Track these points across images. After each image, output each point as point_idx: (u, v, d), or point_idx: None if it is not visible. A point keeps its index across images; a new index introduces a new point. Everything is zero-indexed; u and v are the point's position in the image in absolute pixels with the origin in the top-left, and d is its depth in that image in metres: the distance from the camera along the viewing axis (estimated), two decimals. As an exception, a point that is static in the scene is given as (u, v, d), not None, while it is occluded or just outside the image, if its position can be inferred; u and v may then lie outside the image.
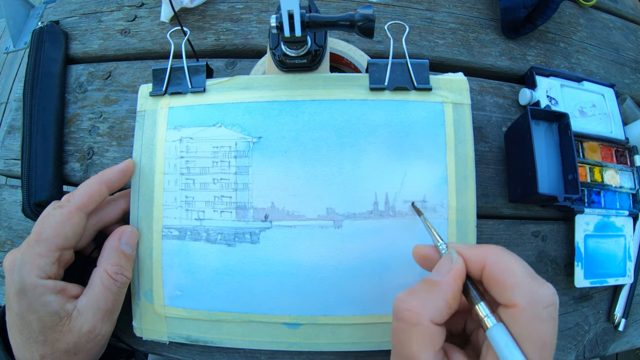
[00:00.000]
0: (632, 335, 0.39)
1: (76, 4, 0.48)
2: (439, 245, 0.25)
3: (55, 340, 0.27)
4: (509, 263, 0.21)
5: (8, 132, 0.44)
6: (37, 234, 0.27)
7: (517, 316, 0.20)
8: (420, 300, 0.22)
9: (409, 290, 0.23)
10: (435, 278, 0.23)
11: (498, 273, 0.21)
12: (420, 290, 0.23)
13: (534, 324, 0.20)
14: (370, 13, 0.26)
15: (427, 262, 0.26)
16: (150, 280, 0.32)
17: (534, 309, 0.20)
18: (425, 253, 0.26)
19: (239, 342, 0.32)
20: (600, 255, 0.38)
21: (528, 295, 0.20)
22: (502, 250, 0.22)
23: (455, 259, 0.23)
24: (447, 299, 0.22)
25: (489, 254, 0.22)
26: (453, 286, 0.22)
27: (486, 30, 0.47)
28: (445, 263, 0.23)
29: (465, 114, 0.32)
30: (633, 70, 0.49)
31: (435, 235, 0.26)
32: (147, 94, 0.34)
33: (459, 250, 0.23)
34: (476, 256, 0.23)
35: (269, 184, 0.32)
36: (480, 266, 0.22)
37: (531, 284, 0.20)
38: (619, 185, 0.40)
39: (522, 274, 0.21)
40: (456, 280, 0.22)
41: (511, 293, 0.20)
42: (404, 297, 0.23)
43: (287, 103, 0.33)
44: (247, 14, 0.45)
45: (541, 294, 0.20)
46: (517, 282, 0.21)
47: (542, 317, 0.20)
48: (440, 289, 0.22)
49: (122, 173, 0.32)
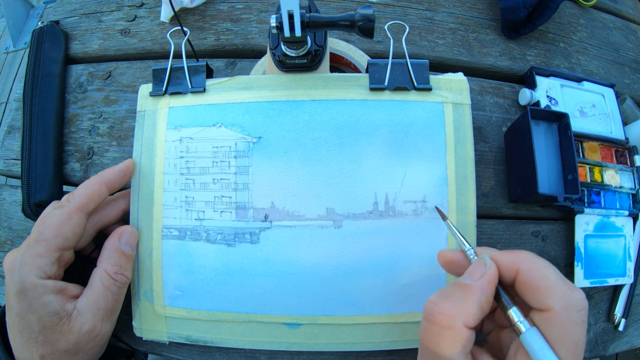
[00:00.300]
0: (632, 335, 0.39)
1: (76, 4, 0.48)
2: (467, 250, 0.25)
3: (55, 340, 0.27)
4: (543, 268, 0.22)
5: (8, 132, 0.44)
6: (37, 234, 0.27)
7: (552, 320, 0.21)
8: (453, 304, 0.22)
9: (442, 293, 0.23)
10: (469, 282, 0.23)
11: (533, 278, 0.22)
12: (454, 294, 0.23)
13: (568, 327, 0.20)
14: (370, 13, 0.26)
15: (454, 266, 0.26)
16: (150, 280, 0.32)
17: (568, 312, 0.21)
18: (452, 258, 0.26)
19: (239, 342, 0.32)
20: (600, 255, 0.38)
21: (563, 299, 0.21)
22: (534, 256, 0.23)
23: (489, 264, 0.23)
24: (481, 303, 0.22)
25: (522, 259, 0.23)
26: (487, 290, 0.22)
27: (486, 30, 0.47)
28: (478, 267, 0.23)
29: (465, 114, 0.32)
30: (633, 70, 0.49)
31: (462, 240, 0.26)
32: (147, 94, 0.34)
33: (492, 255, 0.24)
34: (509, 262, 0.23)
35: (269, 184, 0.32)
36: (513, 271, 0.23)
37: (564, 288, 0.21)
38: (618, 185, 0.40)
39: (556, 279, 0.21)
40: (490, 284, 0.22)
41: (546, 297, 0.21)
42: (437, 300, 0.23)
43: (287, 103, 0.33)
44: (247, 14, 0.45)
45: (574, 298, 0.21)
46: (551, 287, 0.21)
47: (575, 321, 0.20)
48: (474, 293, 0.22)
49: (122, 173, 0.32)
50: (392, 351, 0.34)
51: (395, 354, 0.34)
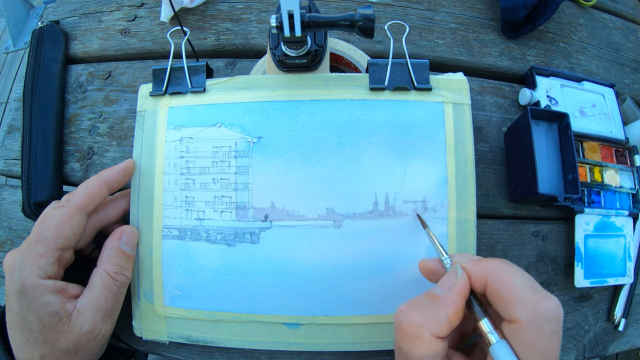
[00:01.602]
0: (632, 335, 0.39)
1: (76, 4, 0.48)
2: (443, 259, 0.25)
3: (55, 340, 0.27)
4: (510, 278, 0.21)
5: (8, 132, 0.44)
6: (37, 234, 0.27)
7: (519, 331, 0.20)
8: (421, 314, 0.22)
9: (411, 303, 0.23)
10: (438, 292, 0.23)
11: (500, 288, 0.21)
12: (423, 304, 0.23)
13: (536, 338, 0.20)
14: (370, 13, 0.26)
15: (433, 275, 0.26)
16: (150, 280, 0.32)
17: (535, 323, 0.20)
18: (431, 267, 0.26)
19: (239, 342, 0.32)
20: (600, 255, 0.38)
21: (529, 310, 0.20)
22: (504, 265, 0.22)
23: (460, 274, 0.23)
24: (449, 314, 0.22)
25: (492, 268, 0.22)
26: (456, 302, 0.22)
27: (486, 30, 0.47)
28: (449, 278, 0.23)
29: (465, 114, 0.32)
30: (633, 70, 0.49)
31: (439, 248, 0.26)
32: (147, 94, 0.34)
33: (464, 265, 0.23)
34: (479, 271, 0.23)
35: (269, 184, 0.32)
36: (484, 281, 0.22)
37: (533, 298, 0.20)
38: (619, 185, 0.40)
39: (524, 288, 0.21)
40: (459, 296, 0.22)
41: (513, 308, 0.21)
42: (406, 309, 0.23)
43: (287, 103, 0.33)
44: (247, 14, 0.45)
45: (543, 308, 0.20)
46: (518, 297, 0.21)
47: (544, 332, 0.20)
48: (443, 303, 0.22)
49: (122, 173, 0.32)
50: (392, 351, 0.34)
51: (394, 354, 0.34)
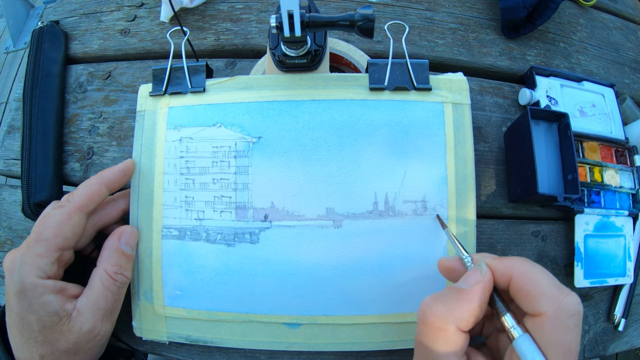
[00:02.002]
0: (632, 335, 0.39)
1: (76, 4, 0.48)
2: (464, 257, 0.26)
3: (55, 340, 0.27)
4: (535, 274, 0.22)
5: (8, 132, 0.44)
6: (37, 234, 0.27)
7: (543, 324, 0.21)
8: (447, 307, 0.23)
9: (436, 296, 0.24)
10: (463, 287, 0.23)
11: (525, 284, 0.22)
12: (448, 297, 0.23)
13: (560, 331, 0.21)
14: (370, 13, 0.26)
15: (452, 274, 0.27)
16: (150, 280, 0.32)
17: (559, 317, 0.21)
18: (451, 265, 0.27)
19: (238, 342, 0.32)
20: (600, 255, 0.38)
21: (554, 304, 0.21)
22: (527, 262, 0.23)
23: (484, 270, 0.24)
24: (474, 307, 0.22)
25: (516, 266, 0.23)
26: (481, 296, 0.23)
27: (486, 30, 0.47)
28: (474, 274, 0.24)
29: (465, 114, 0.32)
30: (633, 70, 0.49)
31: (460, 248, 0.27)
32: (146, 94, 0.34)
33: (487, 262, 0.24)
34: (503, 268, 0.23)
35: (268, 184, 0.32)
36: (507, 278, 0.23)
37: (557, 293, 0.21)
38: (618, 185, 0.40)
39: (549, 284, 0.22)
40: (484, 290, 0.23)
41: (537, 303, 0.21)
42: (431, 302, 0.23)
43: (287, 103, 0.33)
44: (247, 14, 0.45)
45: (567, 303, 0.21)
46: (543, 292, 0.21)
47: (567, 326, 0.21)
48: (468, 297, 0.23)
49: (122, 173, 0.32)
50: (391, 351, 0.34)
51: (395, 354, 0.34)
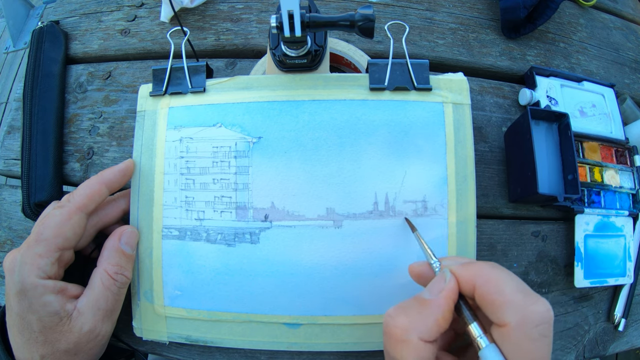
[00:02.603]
0: (632, 335, 0.39)
1: (76, 4, 0.48)
2: (432, 262, 0.25)
3: (55, 340, 0.27)
4: (498, 281, 0.21)
5: (8, 132, 0.44)
6: (37, 234, 0.27)
7: (507, 335, 0.20)
8: (409, 318, 0.22)
9: (399, 307, 0.23)
10: (427, 296, 0.22)
11: (488, 292, 0.21)
12: (411, 308, 0.23)
13: (525, 343, 0.20)
14: (370, 13, 0.26)
15: (422, 279, 0.26)
16: (150, 280, 0.32)
17: (524, 328, 0.20)
18: (420, 271, 0.26)
19: (239, 342, 0.32)
20: (600, 255, 0.38)
21: (518, 314, 0.20)
22: (492, 268, 0.22)
23: (448, 278, 0.23)
24: (437, 318, 0.21)
25: (479, 273, 0.22)
26: (444, 306, 0.22)
27: (486, 30, 0.47)
28: (438, 282, 0.23)
29: (465, 114, 0.32)
30: (633, 70, 0.49)
31: (428, 252, 0.26)
32: (147, 94, 0.34)
33: (452, 269, 0.23)
34: (467, 275, 0.22)
35: (268, 184, 0.32)
36: (472, 285, 0.22)
37: (522, 301, 0.20)
38: (618, 185, 0.40)
39: (513, 292, 0.21)
40: (447, 300, 0.22)
41: (501, 312, 0.20)
42: (394, 313, 0.23)
43: (287, 103, 0.33)
44: (247, 14, 0.45)
45: (532, 312, 0.20)
46: (507, 301, 0.20)
47: (533, 337, 0.20)
48: (431, 308, 0.22)
49: (122, 173, 0.32)
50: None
51: (395, 354, 0.34)
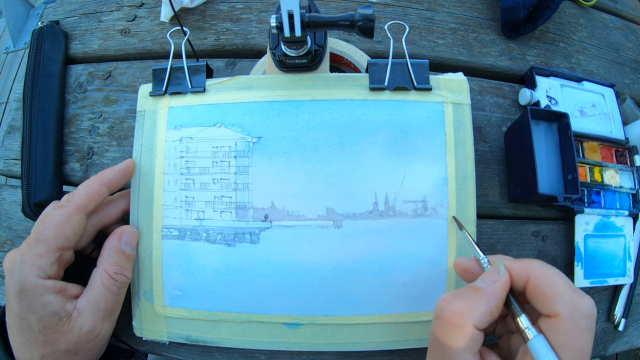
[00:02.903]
0: (632, 335, 0.39)
1: (76, 4, 0.48)
2: (481, 259, 0.26)
3: (55, 340, 0.27)
4: (551, 276, 0.23)
5: (8, 132, 0.44)
6: (37, 234, 0.27)
7: (558, 325, 0.21)
8: (465, 304, 0.23)
9: (454, 293, 0.24)
10: (482, 285, 0.24)
11: (541, 285, 0.23)
12: (466, 294, 0.24)
13: (574, 333, 0.21)
14: (370, 13, 0.26)
15: (468, 274, 0.27)
16: (150, 280, 0.32)
17: (574, 318, 0.21)
18: (467, 266, 0.27)
19: (239, 342, 0.32)
20: (600, 255, 0.38)
21: (570, 306, 0.21)
22: (544, 264, 0.24)
23: (502, 271, 0.24)
24: (491, 306, 0.23)
25: (533, 267, 0.24)
26: (498, 295, 0.23)
27: (486, 30, 0.47)
28: (492, 274, 0.24)
29: (465, 114, 0.32)
30: (633, 70, 0.49)
31: (477, 249, 0.27)
32: (147, 94, 0.34)
33: (505, 263, 0.25)
34: (520, 269, 0.24)
35: (268, 184, 0.32)
36: (524, 279, 0.24)
37: (572, 295, 0.22)
38: (618, 185, 0.40)
39: (564, 286, 0.22)
40: (501, 290, 0.23)
41: (553, 304, 0.22)
42: (450, 298, 0.24)
43: (287, 103, 0.33)
44: (247, 14, 0.45)
45: (582, 305, 0.21)
46: (559, 294, 0.22)
47: (581, 327, 0.21)
48: (486, 296, 0.23)
49: (122, 173, 0.32)
50: (392, 351, 0.34)
51: (395, 354, 0.34)
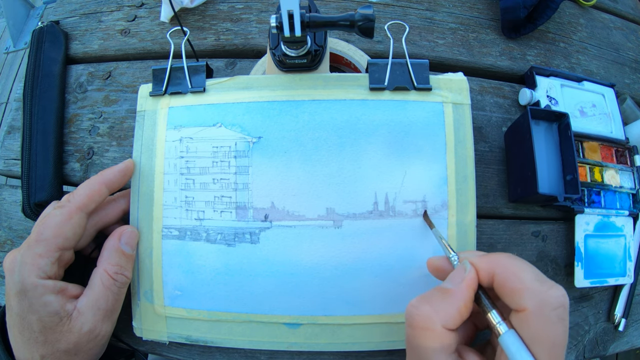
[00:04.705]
0: (632, 335, 0.39)
1: (76, 4, 0.48)
2: (451, 256, 0.26)
3: (55, 340, 0.27)
4: (517, 269, 0.23)
5: (8, 132, 0.44)
6: (37, 234, 0.27)
7: (526, 320, 0.21)
8: (432, 306, 0.23)
9: (422, 297, 0.24)
10: (448, 286, 0.24)
11: (507, 280, 0.22)
12: (433, 297, 0.24)
13: (543, 326, 0.21)
14: (370, 13, 0.26)
15: (440, 273, 0.27)
16: (150, 280, 0.32)
17: (542, 311, 0.21)
18: (439, 264, 0.27)
19: (239, 342, 0.32)
20: (600, 255, 0.38)
21: (536, 298, 0.21)
22: (509, 258, 0.23)
23: (468, 269, 0.24)
24: (459, 306, 0.23)
25: (498, 262, 0.23)
26: (465, 294, 0.23)
27: (486, 30, 0.47)
28: (458, 273, 0.24)
29: (465, 114, 0.32)
30: (633, 70, 0.49)
31: (447, 247, 0.27)
32: (147, 94, 0.34)
33: (471, 260, 0.24)
34: (486, 265, 0.24)
35: (268, 184, 0.32)
36: (490, 275, 0.23)
37: (539, 288, 0.21)
38: (619, 185, 0.40)
39: (530, 279, 0.22)
40: (468, 289, 0.23)
41: (520, 298, 0.22)
42: (417, 303, 0.24)
43: (287, 103, 0.33)
44: (247, 14, 0.45)
45: (549, 296, 0.21)
46: (525, 287, 0.22)
47: (550, 319, 0.21)
48: (453, 296, 0.23)
49: (122, 173, 0.32)
50: (392, 351, 0.34)
51: (395, 354, 0.34)
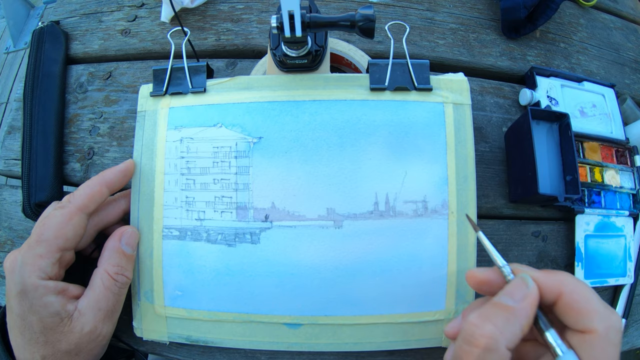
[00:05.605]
0: (632, 335, 0.39)
1: (77, 4, 0.48)
2: (502, 267, 0.25)
3: (56, 341, 0.27)
4: (585, 291, 0.22)
5: (8, 132, 0.44)
6: (37, 235, 0.27)
7: (593, 342, 0.21)
8: (497, 327, 0.22)
9: (481, 314, 0.22)
10: (510, 303, 0.22)
11: (576, 301, 0.22)
12: (494, 315, 0.22)
13: (608, 348, 0.21)
14: (371, 13, 0.26)
15: (486, 286, 0.25)
16: (151, 280, 0.32)
17: (609, 334, 0.21)
18: (485, 278, 0.25)
19: (239, 342, 0.32)
20: (601, 256, 0.38)
21: (605, 322, 0.21)
22: (575, 279, 0.23)
23: (531, 285, 0.23)
24: (522, 325, 0.22)
25: (565, 282, 0.23)
26: (529, 313, 0.22)
27: (486, 31, 0.47)
28: (519, 288, 0.23)
29: (465, 114, 0.32)
30: (633, 70, 0.49)
31: (498, 256, 0.25)
32: (147, 94, 0.34)
33: (533, 276, 0.23)
34: (552, 283, 0.23)
35: (269, 184, 0.32)
36: (555, 294, 0.23)
37: (606, 311, 0.22)
38: (619, 185, 0.40)
39: (598, 302, 0.22)
40: (532, 307, 0.22)
41: (590, 320, 0.21)
42: (478, 321, 0.22)
43: (287, 103, 0.33)
44: (247, 14, 0.45)
45: (614, 321, 0.21)
46: (595, 310, 0.22)
47: (614, 342, 0.21)
48: (516, 315, 0.22)
49: (122, 173, 0.32)
50: (392, 351, 0.34)
51: (395, 354, 0.34)
